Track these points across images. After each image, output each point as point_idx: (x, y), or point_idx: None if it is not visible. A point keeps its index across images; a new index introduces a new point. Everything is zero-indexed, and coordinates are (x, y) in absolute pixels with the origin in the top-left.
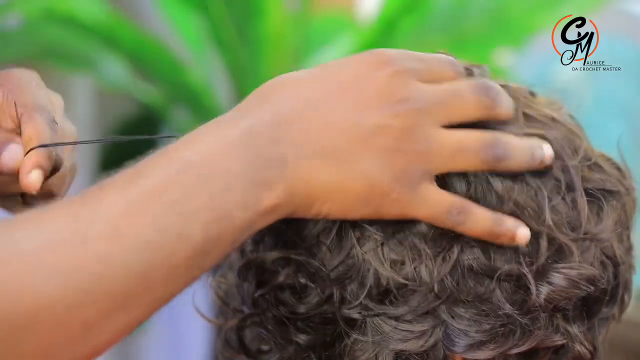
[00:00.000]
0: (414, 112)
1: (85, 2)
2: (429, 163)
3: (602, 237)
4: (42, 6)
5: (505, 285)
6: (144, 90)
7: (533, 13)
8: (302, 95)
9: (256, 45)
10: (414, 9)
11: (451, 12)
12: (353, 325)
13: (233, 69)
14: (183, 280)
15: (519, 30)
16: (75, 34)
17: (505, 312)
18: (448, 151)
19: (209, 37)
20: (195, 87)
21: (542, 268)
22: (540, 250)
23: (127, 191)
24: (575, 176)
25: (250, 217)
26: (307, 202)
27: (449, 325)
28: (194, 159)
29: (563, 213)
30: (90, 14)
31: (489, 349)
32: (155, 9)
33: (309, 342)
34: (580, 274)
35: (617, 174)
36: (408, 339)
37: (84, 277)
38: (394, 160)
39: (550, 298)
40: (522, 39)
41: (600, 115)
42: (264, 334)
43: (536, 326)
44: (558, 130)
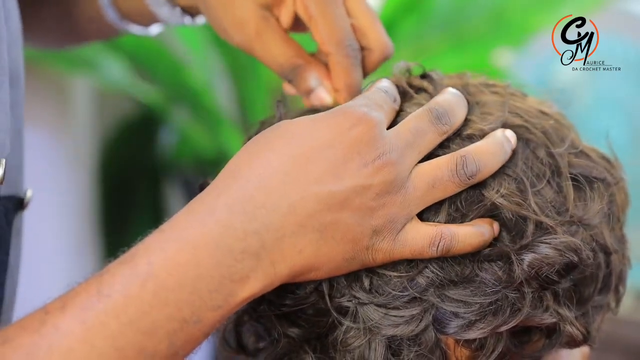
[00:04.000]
0: (391, 164)
1: None
2: (409, 207)
3: (589, 222)
4: None
5: (490, 264)
6: (144, 90)
7: (533, 13)
8: (272, 169)
9: None
10: (414, 9)
11: (451, 12)
12: (345, 314)
13: (233, 69)
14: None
15: (519, 30)
16: None
17: (493, 289)
18: (425, 189)
19: (209, 37)
20: (195, 87)
21: (526, 244)
22: (526, 233)
23: (86, 314)
24: (561, 162)
25: (222, 314)
26: (292, 276)
27: (439, 308)
28: (159, 272)
29: (548, 197)
30: None
31: (479, 328)
32: None
33: (303, 334)
34: (563, 242)
35: (605, 164)
36: (399, 324)
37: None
38: (374, 215)
39: (534, 264)
40: (522, 39)
41: (600, 115)
42: (260, 330)
43: (524, 303)
44: (546, 121)
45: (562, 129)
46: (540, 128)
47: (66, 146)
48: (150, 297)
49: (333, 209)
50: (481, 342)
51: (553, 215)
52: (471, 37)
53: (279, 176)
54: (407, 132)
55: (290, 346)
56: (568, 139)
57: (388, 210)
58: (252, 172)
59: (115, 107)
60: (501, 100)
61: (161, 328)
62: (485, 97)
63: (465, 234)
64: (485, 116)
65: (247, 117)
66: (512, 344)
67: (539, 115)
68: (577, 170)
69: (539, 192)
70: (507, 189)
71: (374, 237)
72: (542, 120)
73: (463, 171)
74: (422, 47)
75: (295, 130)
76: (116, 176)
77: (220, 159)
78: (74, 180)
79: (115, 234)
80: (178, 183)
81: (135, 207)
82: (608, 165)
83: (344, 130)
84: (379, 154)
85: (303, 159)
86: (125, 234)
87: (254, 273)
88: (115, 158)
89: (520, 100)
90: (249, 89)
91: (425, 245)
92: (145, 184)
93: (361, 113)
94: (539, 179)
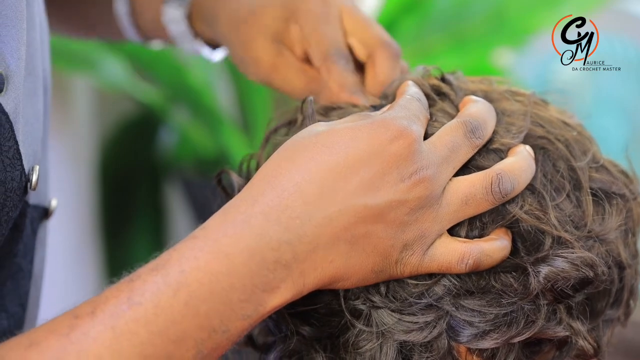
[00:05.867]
0: (427, 180)
1: None
2: (441, 222)
3: (606, 237)
4: None
5: (507, 275)
6: (144, 90)
7: (533, 13)
8: (310, 179)
9: None
10: (414, 9)
11: (451, 12)
12: (358, 316)
13: (233, 69)
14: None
15: (519, 30)
16: None
17: (509, 300)
18: (458, 206)
19: None
20: (195, 87)
21: (543, 257)
22: (544, 247)
23: (116, 321)
24: (582, 176)
25: (250, 323)
26: (320, 286)
27: (453, 316)
28: (192, 281)
29: (567, 211)
30: None
31: (492, 338)
32: None
33: (314, 333)
34: (580, 257)
35: (624, 179)
36: (412, 330)
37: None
38: (406, 230)
39: (550, 277)
40: (522, 39)
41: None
42: (270, 325)
43: (538, 315)
44: (568, 132)
45: (584, 141)
46: (562, 140)
47: (66, 146)
48: (181, 307)
49: (367, 221)
50: (493, 352)
51: (571, 230)
52: (471, 37)
53: (316, 187)
54: (443, 147)
55: (301, 344)
56: (590, 152)
57: (420, 225)
58: (289, 181)
59: (115, 107)
60: (524, 109)
61: (190, 337)
62: (508, 105)
63: (493, 249)
64: (509, 127)
65: (247, 117)
66: (524, 354)
67: (561, 126)
68: (597, 185)
69: (557, 205)
70: (529, 204)
71: (404, 252)
72: (565, 132)
73: (498, 189)
74: (422, 47)
75: (335, 139)
76: (116, 176)
77: (220, 159)
78: (74, 180)
79: (115, 234)
80: (178, 183)
81: (135, 207)
82: (627, 180)
83: (384, 143)
84: (416, 169)
85: (342, 170)
86: (125, 233)
87: (284, 283)
88: (115, 158)
89: (543, 109)
90: (249, 89)
91: (453, 261)
92: (145, 184)
93: (402, 127)
94: (558, 193)
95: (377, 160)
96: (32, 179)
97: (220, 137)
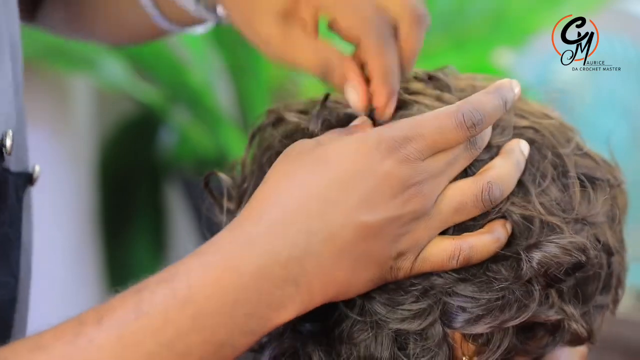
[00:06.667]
0: (422, 195)
1: None
2: (432, 229)
3: (593, 220)
4: None
5: (498, 265)
6: (144, 90)
7: (533, 13)
8: (311, 194)
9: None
10: None
11: (451, 12)
12: (352, 307)
13: (233, 69)
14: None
15: (519, 30)
16: None
17: (501, 285)
18: (449, 214)
19: (209, 37)
20: (195, 87)
21: (535, 242)
22: (533, 232)
23: (122, 329)
24: (569, 162)
25: (255, 339)
26: (326, 301)
27: (446, 303)
28: (199, 297)
29: (553, 195)
30: None
31: (485, 323)
32: None
33: (309, 328)
34: (572, 242)
35: (607, 166)
36: (406, 318)
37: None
38: (400, 241)
39: (543, 262)
40: (522, 39)
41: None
42: None
43: (531, 299)
44: (550, 122)
45: (566, 131)
46: (547, 129)
47: (66, 146)
48: (189, 321)
49: (367, 238)
50: (487, 338)
51: (559, 213)
52: (471, 37)
53: (318, 201)
54: (443, 162)
55: (295, 341)
56: (573, 140)
57: (413, 235)
58: (290, 197)
59: (115, 107)
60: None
61: (196, 351)
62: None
63: (484, 243)
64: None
65: (247, 117)
66: (518, 340)
67: (543, 116)
68: (581, 171)
69: (544, 191)
70: (515, 194)
71: (398, 259)
72: (547, 121)
73: (488, 197)
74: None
75: (329, 153)
76: (116, 176)
77: (220, 159)
78: (73, 180)
79: (115, 234)
80: (178, 183)
81: (135, 207)
82: (610, 168)
83: (377, 161)
84: (413, 183)
85: (340, 184)
86: (125, 233)
87: (291, 300)
88: (115, 158)
89: (523, 102)
90: (249, 89)
91: (444, 259)
92: (145, 184)
93: (391, 143)
94: (544, 178)
95: (371, 174)
96: (6, 144)
97: (220, 137)
